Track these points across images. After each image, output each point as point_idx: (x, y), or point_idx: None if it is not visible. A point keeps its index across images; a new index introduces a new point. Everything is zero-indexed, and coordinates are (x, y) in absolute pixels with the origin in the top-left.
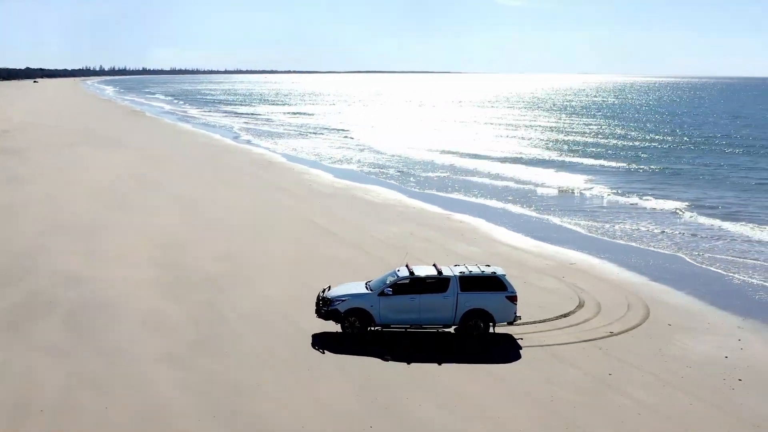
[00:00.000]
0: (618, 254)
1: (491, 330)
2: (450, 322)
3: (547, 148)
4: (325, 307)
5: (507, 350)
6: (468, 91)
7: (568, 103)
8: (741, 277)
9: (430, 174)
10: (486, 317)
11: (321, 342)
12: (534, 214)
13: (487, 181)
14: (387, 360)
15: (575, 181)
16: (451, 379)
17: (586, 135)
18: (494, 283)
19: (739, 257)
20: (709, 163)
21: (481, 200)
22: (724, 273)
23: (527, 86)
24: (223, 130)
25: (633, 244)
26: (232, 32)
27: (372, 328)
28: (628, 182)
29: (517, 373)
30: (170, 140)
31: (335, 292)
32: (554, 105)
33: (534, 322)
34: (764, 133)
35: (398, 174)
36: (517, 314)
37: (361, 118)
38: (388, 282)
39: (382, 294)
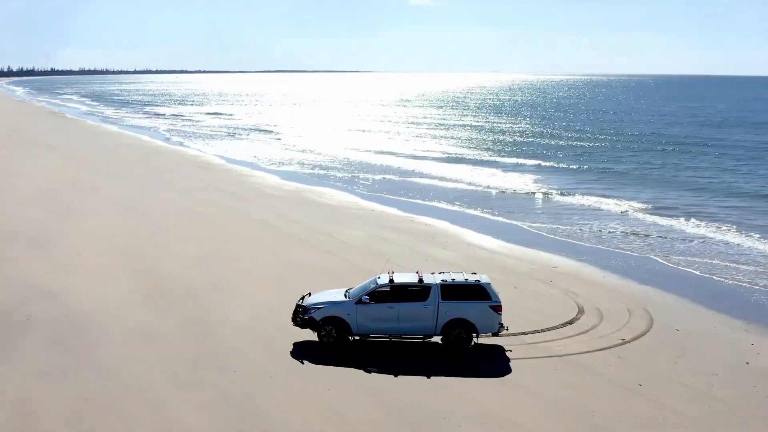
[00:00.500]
0: (594, 257)
1: (475, 340)
2: (431, 332)
3: (486, 148)
4: (302, 315)
5: (522, 361)
6: (385, 90)
7: (489, 101)
8: (725, 279)
9: (375, 176)
10: (469, 327)
11: (326, 350)
12: (497, 217)
13: (435, 182)
14: (370, 372)
15: (525, 183)
16: (479, 394)
17: (518, 134)
18: (477, 292)
19: (715, 259)
20: (652, 162)
21: (436, 203)
22: (707, 275)
23: (440, 84)
24: (152, 132)
25: (603, 246)
26: (141, 32)
27: (352, 338)
28: (578, 183)
29: (546, 386)
30: (99, 142)
31: (313, 299)
32: (477, 103)
33: (542, 330)
34: (694, 131)
35: (343, 176)
36: (503, 325)
37: (284, 119)
38: (367, 289)
39: (359, 302)
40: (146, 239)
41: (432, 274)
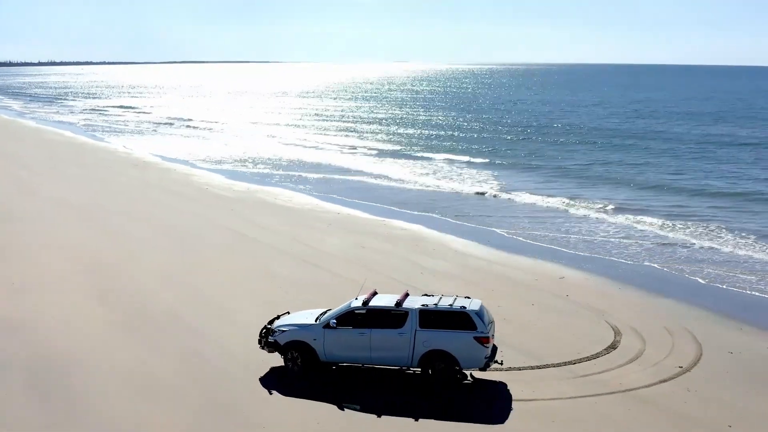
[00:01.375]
0: (594, 265)
1: (472, 375)
2: (407, 363)
3: (426, 146)
4: (266, 338)
5: (583, 399)
6: (303, 81)
7: (407, 93)
8: (747, 291)
9: (317, 174)
10: (450, 361)
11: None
12: (470, 223)
13: (383, 182)
14: (348, 409)
15: (477, 182)
16: None
17: (455, 129)
18: (461, 321)
19: (721, 269)
20: (609, 159)
21: (397, 207)
22: (717, 285)
23: (355, 75)
24: (73, 127)
25: (598, 254)
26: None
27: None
28: (537, 182)
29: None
30: (22, 138)
31: (283, 320)
32: (394, 94)
33: (587, 358)
34: (635, 124)
35: (286, 174)
36: (495, 358)
37: (204, 112)
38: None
39: (327, 326)
40: (109, 251)
41: (423, 295)
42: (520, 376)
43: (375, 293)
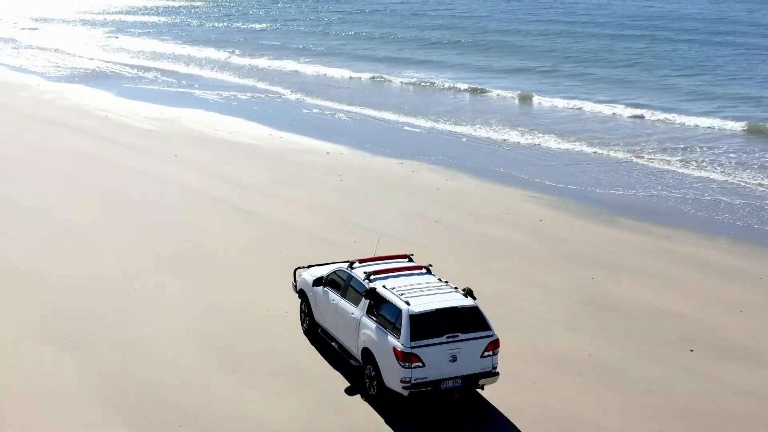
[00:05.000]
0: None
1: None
2: (356, 355)
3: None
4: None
5: None
6: None
7: None
8: None
9: (229, 92)
10: (376, 367)
11: None
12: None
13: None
14: None
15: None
16: None
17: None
18: (394, 316)
19: None
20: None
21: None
22: None
23: None
24: None
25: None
26: None
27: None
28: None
29: None
30: None
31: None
32: None
33: None
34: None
35: (188, 90)
36: (427, 385)
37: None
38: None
39: (317, 282)
40: (37, 253)
41: (440, 281)
42: None
43: (408, 258)
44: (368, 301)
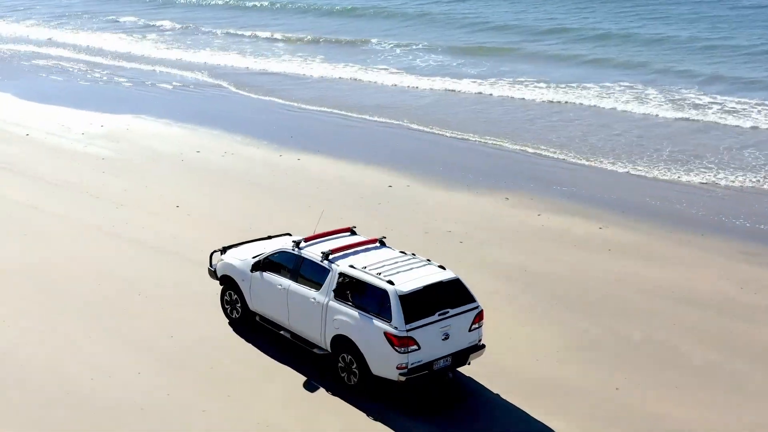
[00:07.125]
0: None
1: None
2: (320, 344)
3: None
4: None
5: None
6: None
7: None
8: None
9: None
10: (358, 356)
11: None
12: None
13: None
14: None
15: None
16: None
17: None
18: (378, 300)
19: None
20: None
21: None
22: None
23: None
24: None
25: None
26: None
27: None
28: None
29: None
30: None
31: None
32: None
33: None
34: None
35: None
36: (425, 370)
37: None
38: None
39: (256, 266)
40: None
41: (401, 252)
42: None
43: (351, 231)
44: (336, 283)
